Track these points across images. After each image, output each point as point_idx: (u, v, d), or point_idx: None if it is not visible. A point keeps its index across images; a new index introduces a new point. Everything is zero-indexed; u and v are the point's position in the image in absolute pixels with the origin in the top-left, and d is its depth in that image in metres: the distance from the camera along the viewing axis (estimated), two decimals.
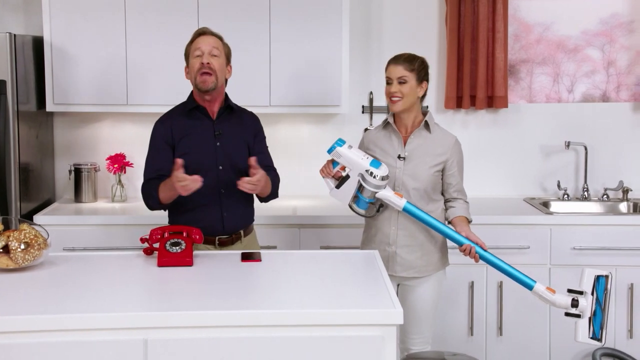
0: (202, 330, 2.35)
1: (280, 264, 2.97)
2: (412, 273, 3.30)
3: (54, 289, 2.63)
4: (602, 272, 3.00)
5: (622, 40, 4.50)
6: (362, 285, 2.70)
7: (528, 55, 4.52)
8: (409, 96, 3.25)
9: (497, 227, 3.97)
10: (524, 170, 4.53)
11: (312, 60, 4.12)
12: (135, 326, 2.34)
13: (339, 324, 2.36)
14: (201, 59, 3.20)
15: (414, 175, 3.26)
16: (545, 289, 3.06)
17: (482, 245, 3.18)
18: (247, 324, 2.35)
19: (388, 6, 4.44)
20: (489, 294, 4.01)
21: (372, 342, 2.35)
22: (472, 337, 4.03)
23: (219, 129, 3.28)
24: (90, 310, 2.38)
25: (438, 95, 4.47)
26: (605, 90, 4.54)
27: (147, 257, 3.02)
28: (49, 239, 2.94)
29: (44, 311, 2.38)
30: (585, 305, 2.97)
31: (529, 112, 4.52)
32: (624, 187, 4.42)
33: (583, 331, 2.98)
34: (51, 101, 4.11)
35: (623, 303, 4.01)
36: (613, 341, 4.02)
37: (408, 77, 3.25)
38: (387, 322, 2.36)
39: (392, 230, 3.29)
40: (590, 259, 3.96)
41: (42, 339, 2.32)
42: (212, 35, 3.27)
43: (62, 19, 4.06)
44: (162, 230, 3.01)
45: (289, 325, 2.36)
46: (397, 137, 3.32)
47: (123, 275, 2.82)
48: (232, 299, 2.50)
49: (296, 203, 4.23)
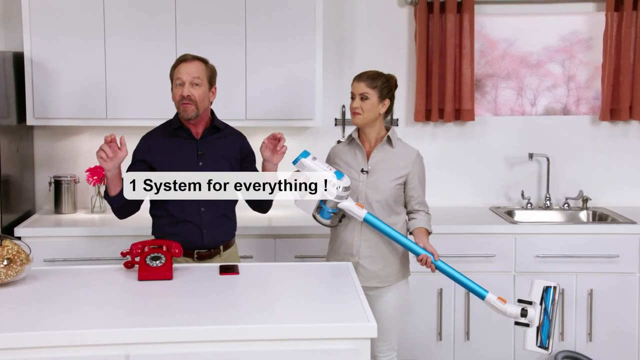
0: (182, 346, 2.35)
1: (258, 277, 2.96)
2: (374, 283, 3.32)
3: (37, 305, 2.61)
4: (550, 283, 3.02)
5: (581, 56, 4.57)
6: (337, 298, 2.71)
7: (493, 70, 4.57)
8: (370, 112, 3.28)
9: (464, 236, 4.01)
10: (489, 181, 4.57)
11: (287, 75, 4.12)
12: (118, 342, 2.33)
13: (315, 337, 2.37)
14: (182, 89, 3.17)
15: (377, 188, 3.29)
16: (496, 299, 3.08)
17: (435, 255, 3.20)
18: (226, 339, 2.36)
19: (360, 24, 4.46)
20: (456, 300, 4.04)
21: (347, 355, 2.36)
22: (441, 342, 4.06)
23: (202, 149, 3.26)
24: (73, 327, 2.37)
25: (408, 108, 4.50)
26: (566, 104, 4.60)
27: (127, 270, 3.00)
28: (30, 254, 2.91)
29: (27, 328, 2.36)
30: (533, 315, 3.00)
31: (494, 125, 4.56)
32: (584, 197, 4.48)
33: (531, 340, 3.01)
34: (31, 115, 4.07)
35: (583, 308, 4.06)
36: (574, 344, 4.08)
37: (370, 93, 3.27)
38: (361, 336, 2.37)
39: (356, 242, 3.31)
40: (552, 266, 4.01)
41: (25, 355, 2.30)
42: (194, 60, 3.22)
43: (42, 35, 4.02)
44: (143, 245, 3.00)
45: (267, 339, 2.36)
46: (360, 151, 3.35)
47: (104, 290, 2.81)
48: (212, 314, 2.50)
49: (271, 213, 4.21)
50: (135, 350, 2.33)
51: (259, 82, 4.11)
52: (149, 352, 2.33)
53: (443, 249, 3.90)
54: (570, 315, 4.06)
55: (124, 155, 3.08)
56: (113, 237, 3.92)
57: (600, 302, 4.05)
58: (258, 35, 4.08)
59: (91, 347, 2.33)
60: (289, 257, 3.95)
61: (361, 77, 3.32)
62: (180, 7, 4.05)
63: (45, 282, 2.86)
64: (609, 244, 4.03)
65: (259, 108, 4.14)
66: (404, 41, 4.48)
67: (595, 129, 4.56)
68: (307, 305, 2.61)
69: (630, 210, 4.38)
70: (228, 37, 4.07)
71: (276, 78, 4.12)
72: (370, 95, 3.28)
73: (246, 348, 2.35)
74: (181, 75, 3.18)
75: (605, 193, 4.57)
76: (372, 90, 3.28)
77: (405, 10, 4.46)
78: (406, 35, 4.48)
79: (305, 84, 4.13)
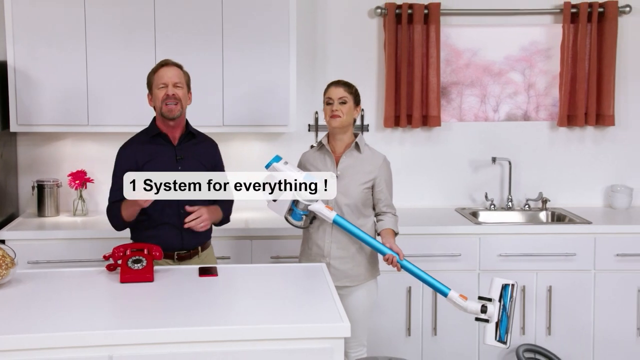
0: (164, 347, 2.33)
1: (236, 278, 2.96)
2: (345, 282, 3.33)
3: (22, 308, 2.57)
4: (508, 281, 3.04)
5: (541, 65, 4.61)
6: (311, 299, 2.70)
7: (458, 78, 4.60)
8: (348, 115, 3.31)
9: (431, 237, 4.02)
10: (455, 183, 4.59)
11: (262, 83, 4.11)
12: (101, 344, 2.31)
13: (292, 337, 2.36)
14: (166, 89, 3.18)
15: (346, 193, 3.30)
16: (458, 296, 3.10)
17: (400, 255, 3.21)
18: (206, 340, 2.34)
19: (331, 34, 4.46)
20: (424, 298, 4.05)
21: (322, 354, 2.36)
22: (410, 337, 4.07)
23: (181, 153, 3.26)
24: (58, 329, 2.34)
25: (377, 114, 4.51)
26: (526, 110, 4.64)
27: (110, 273, 2.97)
28: (16, 258, 2.87)
29: (13, 331, 2.32)
30: (492, 311, 3.02)
31: (459, 130, 4.58)
32: (543, 198, 4.52)
33: (490, 335, 3.03)
34: (15, 122, 4.01)
35: (543, 304, 4.09)
36: (534, 337, 4.11)
37: (347, 98, 3.31)
38: (335, 335, 2.37)
39: (327, 244, 3.32)
40: (514, 264, 4.04)
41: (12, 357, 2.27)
42: (173, 65, 3.25)
43: (25, 45, 3.96)
44: (124, 248, 2.97)
45: (246, 340, 2.35)
46: (330, 157, 3.36)
47: (87, 292, 2.77)
48: (192, 316, 2.48)
49: (248, 216, 4.22)
50: (119, 351, 2.31)
51: (236, 89, 4.09)
52: (132, 352, 2.31)
53: (411, 249, 3.94)
54: (530, 311, 4.09)
55: None
56: (95, 240, 3.87)
57: (558, 298, 4.08)
58: (234, 45, 4.06)
59: (76, 349, 2.30)
60: (265, 258, 3.94)
61: (339, 83, 3.36)
62: (159, 18, 4.01)
63: (29, 285, 2.82)
64: (567, 243, 4.06)
65: (235, 115, 4.11)
66: (373, 51, 4.49)
67: (553, 134, 4.60)
68: (284, 306, 2.60)
69: (586, 211, 4.43)
70: (206, 46, 4.05)
71: (252, 86, 4.10)
72: (348, 99, 3.31)
73: (225, 348, 2.34)
74: (164, 78, 3.19)
75: (563, 194, 4.61)
76: (350, 95, 3.32)
77: (374, 21, 4.47)
78: (376, 45, 4.48)
79: (280, 91, 4.12)
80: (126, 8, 4.00)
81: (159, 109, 3.21)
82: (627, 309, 4.10)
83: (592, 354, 4.12)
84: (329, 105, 3.32)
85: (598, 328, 4.10)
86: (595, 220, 4.19)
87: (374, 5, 4.43)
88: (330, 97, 3.32)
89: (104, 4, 3.99)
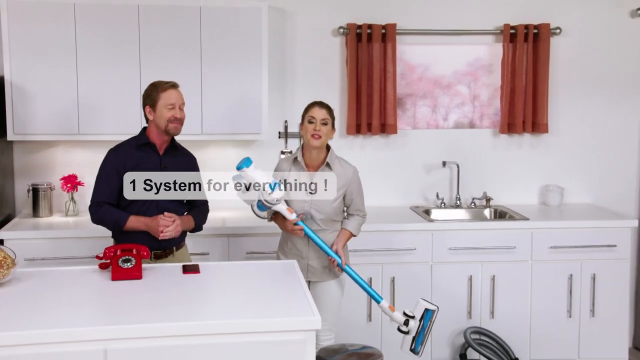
0: (154, 340, 2.34)
1: (216, 275, 2.97)
2: (320, 277, 3.37)
3: (23, 305, 2.56)
4: (432, 307, 3.14)
5: (484, 79, 4.68)
6: (285, 294, 2.72)
7: (412, 90, 4.64)
8: (327, 136, 3.30)
9: (389, 233, 4.07)
10: (409, 184, 4.63)
11: (237, 95, 4.11)
12: (96, 338, 2.31)
13: (268, 330, 2.39)
14: (174, 111, 3.21)
15: (319, 209, 3.32)
16: (387, 307, 3.19)
17: (342, 261, 3.27)
18: (192, 333, 2.36)
19: (299, 51, 4.47)
20: (383, 287, 4.09)
21: (296, 345, 2.39)
22: (371, 322, 4.11)
23: (165, 163, 3.27)
24: (56, 325, 2.34)
25: (341, 123, 4.53)
26: (472, 119, 4.71)
27: (102, 271, 2.97)
28: (16, 259, 2.85)
29: (16, 327, 2.32)
30: (413, 326, 3.12)
31: (413, 137, 4.62)
32: (487, 197, 4.59)
33: (406, 344, 3.16)
34: (11, 131, 3.96)
35: (487, 291, 4.16)
36: (479, 321, 4.17)
37: (328, 120, 3.30)
38: (307, 328, 2.40)
39: (305, 248, 3.35)
40: (462, 257, 4.11)
41: (15, 352, 2.27)
42: (178, 88, 3.27)
43: (21, 60, 3.92)
44: (115, 249, 2.97)
45: (227, 333, 2.38)
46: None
47: (82, 290, 2.77)
48: (178, 311, 2.50)
49: (225, 215, 4.23)
50: (113, 345, 2.31)
51: (213, 101, 4.09)
52: (124, 346, 2.32)
53: (372, 243, 4.02)
54: (476, 297, 4.16)
55: None
56: (86, 238, 3.85)
57: (500, 286, 4.16)
58: (212, 62, 4.06)
59: (73, 344, 2.31)
60: (241, 253, 3.95)
61: (322, 105, 3.31)
62: (143, 37, 3.99)
63: (29, 283, 2.80)
64: (507, 237, 4.13)
65: (213, 124, 4.12)
66: (337, 66, 4.52)
67: (495, 140, 4.68)
68: (260, 301, 2.63)
69: (523, 208, 4.52)
70: (186, 62, 4.04)
71: (228, 98, 4.11)
72: (328, 121, 3.29)
73: (210, 341, 2.36)
74: (173, 100, 3.22)
75: (504, 193, 4.68)
76: (330, 118, 3.30)
77: (337, 39, 4.50)
78: (339, 61, 4.52)
79: (253, 102, 4.13)
80: (113, 28, 3.97)
81: (164, 125, 3.21)
82: (559, 294, 4.20)
83: (529, 333, 4.21)
84: (311, 124, 3.26)
85: (534, 311, 4.19)
86: (532, 216, 4.28)
87: (337, 26, 4.46)
88: (313, 117, 3.27)
89: (93, 24, 3.96)
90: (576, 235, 4.17)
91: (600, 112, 4.69)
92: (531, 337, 4.21)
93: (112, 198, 3.21)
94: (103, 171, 3.26)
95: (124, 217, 3.19)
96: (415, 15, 4.51)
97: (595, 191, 4.74)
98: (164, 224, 3.15)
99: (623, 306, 4.24)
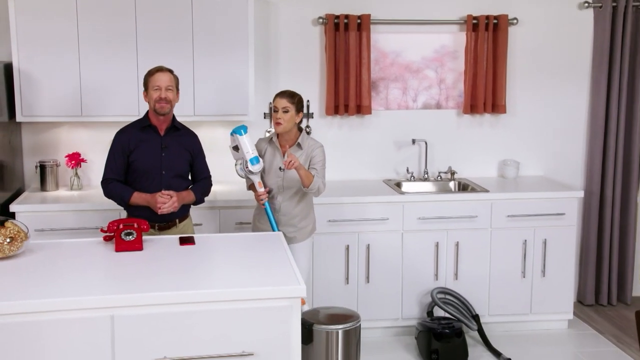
0: (156, 307, 2.36)
1: (210, 246, 2.97)
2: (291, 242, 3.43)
3: (34, 275, 2.56)
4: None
5: (449, 64, 4.69)
6: (273, 264, 2.71)
7: (385, 74, 4.64)
8: (289, 122, 3.35)
9: (364, 204, 4.09)
10: (382, 160, 4.64)
11: (226, 80, 4.09)
12: (103, 306, 2.33)
13: (258, 298, 2.41)
14: (159, 92, 3.19)
15: (291, 182, 3.40)
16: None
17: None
18: (190, 301, 2.38)
19: (282, 39, 4.44)
20: (359, 253, 4.12)
21: (283, 310, 2.42)
22: (348, 285, 4.14)
23: (165, 143, 3.27)
24: (67, 294, 2.35)
25: (320, 104, 4.53)
26: (439, 100, 4.73)
27: (106, 243, 2.98)
28: (28, 233, 2.85)
29: (30, 296, 2.33)
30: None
31: (386, 117, 4.63)
32: (452, 171, 4.61)
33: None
34: (20, 113, 3.91)
35: (452, 255, 4.19)
36: (445, 282, 4.22)
37: (289, 107, 3.33)
38: (293, 295, 2.43)
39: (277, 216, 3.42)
40: (430, 225, 4.15)
41: (30, 319, 2.28)
42: (167, 71, 3.25)
43: (27, 49, 3.86)
44: (118, 223, 2.97)
45: (220, 300, 2.40)
46: (279, 153, 3.42)
47: (89, 260, 2.78)
48: (177, 280, 2.51)
49: (216, 188, 4.22)
50: (119, 312, 2.33)
51: (204, 85, 4.06)
52: (129, 313, 2.34)
53: (347, 214, 4.06)
54: (442, 261, 4.21)
55: None
56: (90, 211, 3.84)
57: (463, 251, 4.20)
58: (202, 49, 4.03)
59: (83, 311, 2.32)
60: (231, 224, 3.97)
61: (283, 94, 3.36)
62: (139, 28, 3.94)
63: (40, 255, 2.81)
64: (470, 207, 4.17)
65: (204, 106, 4.10)
66: (316, 52, 4.50)
67: (459, 120, 4.70)
68: (251, 270, 2.64)
69: (484, 181, 4.56)
70: (179, 51, 4.00)
71: (217, 82, 4.08)
72: (290, 109, 3.33)
73: (205, 308, 2.38)
74: (158, 82, 3.20)
75: (467, 168, 4.70)
76: (292, 105, 3.34)
77: (317, 28, 4.47)
78: (318, 48, 4.49)
79: (240, 86, 4.11)
80: (112, 19, 3.92)
81: (152, 105, 3.21)
82: (514, 258, 4.27)
83: (488, 292, 4.29)
84: (275, 113, 3.34)
85: (493, 273, 4.26)
86: (491, 188, 4.32)
87: (316, 16, 4.43)
88: (275, 106, 3.35)
89: (93, 16, 3.90)
90: (530, 205, 4.22)
91: (551, 94, 4.73)
92: (490, 296, 4.29)
93: (119, 175, 3.24)
94: (111, 151, 3.30)
95: (128, 193, 3.20)
96: (388, 6, 4.48)
97: (547, 165, 4.79)
98: (162, 201, 3.16)
99: (570, 267, 4.34)
